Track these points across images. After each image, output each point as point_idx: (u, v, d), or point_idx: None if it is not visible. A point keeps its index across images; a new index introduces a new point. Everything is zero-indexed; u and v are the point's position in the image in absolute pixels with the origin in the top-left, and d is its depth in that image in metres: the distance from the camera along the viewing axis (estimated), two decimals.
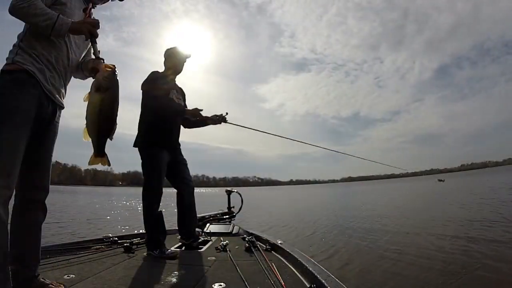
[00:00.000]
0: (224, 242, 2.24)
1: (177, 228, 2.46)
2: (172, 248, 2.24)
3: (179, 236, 2.45)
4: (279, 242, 2.14)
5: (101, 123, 1.19)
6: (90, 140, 1.23)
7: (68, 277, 1.51)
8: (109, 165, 1.30)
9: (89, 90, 1.22)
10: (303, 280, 1.46)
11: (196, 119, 2.52)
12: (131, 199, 24.33)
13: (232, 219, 3.46)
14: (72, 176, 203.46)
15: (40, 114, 1.21)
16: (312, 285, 1.28)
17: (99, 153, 1.25)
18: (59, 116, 1.36)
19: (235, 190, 3.75)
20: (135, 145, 2.28)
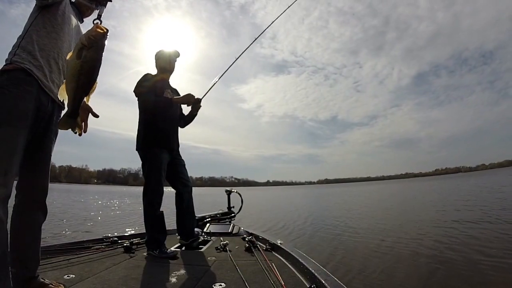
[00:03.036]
0: (224, 242, 2.24)
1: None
2: (172, 248, 2.24)
3: (179, 236, 2.45)
4: (279, 242, 2.14)
5: (81, 79, 1.14)
6: (65, 98, 1.18)
7: (68, 277, 1.51)
8: (79, 130, 1.26)
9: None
10: (303, 280, 1.46)
11: (183, 115, 2.55)
12: (114, 198, 23.78)
13: (232, 219, 3.47)
14: None
15: (39, 112, 1.21)
16: (312, 285, 1.28)
17: (73, 113, 1.20)
18: (59, 117, 1.35)
19: (235, 190, 3.74)
20: (137, 149, 2.28)
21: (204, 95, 2.49)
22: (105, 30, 1.15)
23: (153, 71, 2.40)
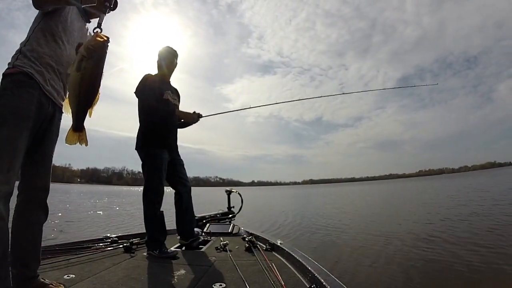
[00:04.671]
0: (224, 242, 2.24)
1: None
2: (172, 248, 2.24)
3: (179, 236, 2.45)
4: (279, 242, 2.14)
5: (82, 91, 1.15)
6: (69, 111, 1.20)
7: (68, 277, 1.51)
8: (86, 144, 1.28)
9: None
10: (303, 280, 1.46)
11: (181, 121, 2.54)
12: (102, 198, 23.49)
13: (232, 219, 3.47)
14: None
15: (40, 114, 1.22)
16: (312, 285, 1.28)
17: (78, 126, 1.22)
18: (60, 118, 1.37)
19: (235, 190, 3.74)
20: (137, 148, 2.28)
21: (207, 116, 2.55)
22: (105, 39, 1.15)
23: (137, 68, 2.41)
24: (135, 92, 2.30)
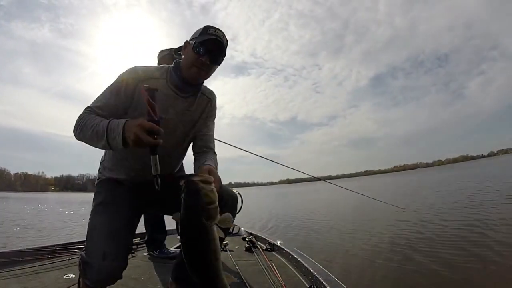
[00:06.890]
0: (224, 242, 2.24)
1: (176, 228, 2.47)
2: (172, 248, 2.24)
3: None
4: (279, 242, 2.14)
5: None
6: None
7: (68, 277, 1.51)
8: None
9: None
10: (303, 280, 1.46)
11: None
12: (83, 206, 22.50)
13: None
14: (0, 181, 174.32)
15: (140, 196, 1.23)
16: (312, 285, 1.29)
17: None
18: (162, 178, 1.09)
19: (235, 190, 3.75)
20: None
21: (218, 140, 2.54)
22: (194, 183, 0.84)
23: (110, 70, 2.35)
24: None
